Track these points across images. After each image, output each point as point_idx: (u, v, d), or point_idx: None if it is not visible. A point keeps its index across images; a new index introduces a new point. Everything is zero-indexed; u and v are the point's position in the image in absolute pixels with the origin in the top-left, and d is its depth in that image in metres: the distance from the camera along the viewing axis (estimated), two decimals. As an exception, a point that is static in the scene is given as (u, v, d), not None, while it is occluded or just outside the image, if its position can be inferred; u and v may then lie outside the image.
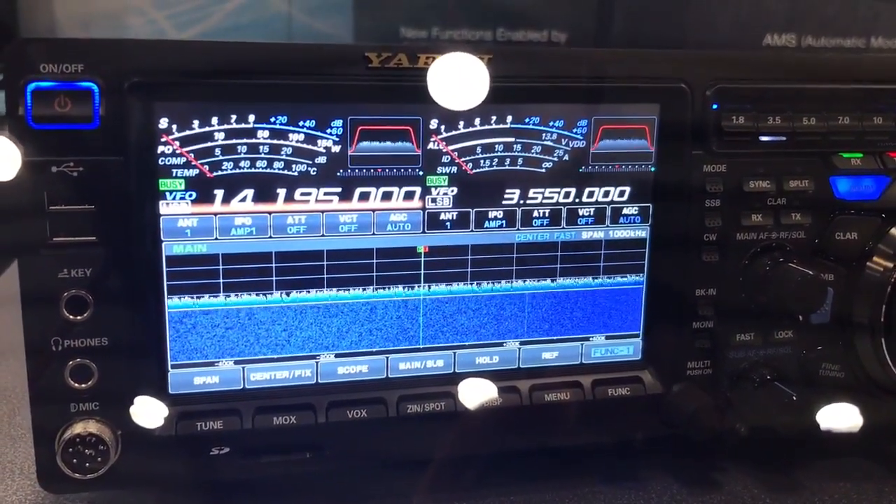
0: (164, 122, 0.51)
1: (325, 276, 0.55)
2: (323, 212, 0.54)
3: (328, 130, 0.53)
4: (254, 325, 0.55)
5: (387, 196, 0.55)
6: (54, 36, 0.75)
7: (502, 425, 0.58)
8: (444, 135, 0.55)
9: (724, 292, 0.60)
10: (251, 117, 0.52)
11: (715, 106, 0.58)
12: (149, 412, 0.50)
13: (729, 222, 0.59)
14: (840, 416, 0.58)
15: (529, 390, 0.59)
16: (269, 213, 0.53)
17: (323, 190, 0.54)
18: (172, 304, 0.53)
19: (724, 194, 0.58)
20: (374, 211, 0.55)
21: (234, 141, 0.52)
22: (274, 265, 0.54)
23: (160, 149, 0.51)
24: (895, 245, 0.60)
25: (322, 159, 0.53)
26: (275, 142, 0.53)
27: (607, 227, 0.59)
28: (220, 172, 0.52)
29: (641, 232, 0.60)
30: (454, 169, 0.56)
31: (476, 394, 0.55)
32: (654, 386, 0.60)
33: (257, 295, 0.54)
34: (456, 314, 0.58)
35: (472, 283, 0.58)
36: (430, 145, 0.55)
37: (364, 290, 0.56)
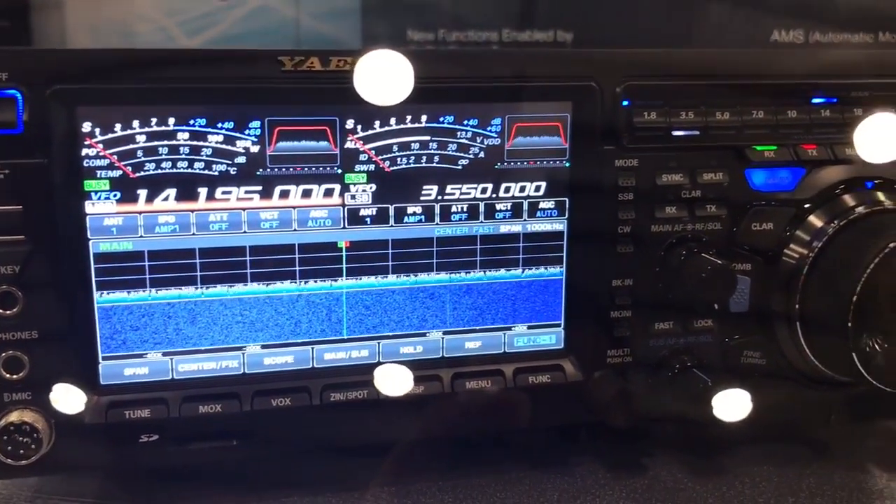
0: (87, 126, 0.53)
1: (249, 270, 0.58)
2: (244, 209, 0.57)
3: (246, 131, 0.56)
4: (181, 319, 0.57)
5: (307, 193, 0.57)
6: (65, 43, 0.79)
7: (426, 413, 0.60)
8: (361, 134, 0.57)
9: (641, 283, 0.62)
10: (171, 120, 0.54)
11: (625, 103, 0.60)
12: (68, 398, 0.53)
13: (643, 215, 0.61)
14: (732, 403, 0.59)
15: (451, 378, 0.61)
16: (192, 211, 0.56)
17: (243, 188, 0.56)
18: (101, 299, 0.56)
19: (636, 188, 0.60)
20: (294, 208, 0.57)
21: (155, 143, 0.55)
22: (198, 261, 0.57)
23: (84, 151, 0.54)
24: (811, 233, 0.62)
25: (241, 159, 0.56)
26: (195, 143, 0.55)
27: (525, 220, 0.61)
28: (142, 173, 0.55)
29: (559, 225, 0.62)
30: (372, 167, 0.58)
31: (392, 379, 0.57)
32: (575, 374, 0.62)
33: (183, 289, 0.57)
34: (379, 306, 0.60)
35: (393, 276, 0.60)
36: (348, 144, 0.57)
37: (288, 283, 0.58)
